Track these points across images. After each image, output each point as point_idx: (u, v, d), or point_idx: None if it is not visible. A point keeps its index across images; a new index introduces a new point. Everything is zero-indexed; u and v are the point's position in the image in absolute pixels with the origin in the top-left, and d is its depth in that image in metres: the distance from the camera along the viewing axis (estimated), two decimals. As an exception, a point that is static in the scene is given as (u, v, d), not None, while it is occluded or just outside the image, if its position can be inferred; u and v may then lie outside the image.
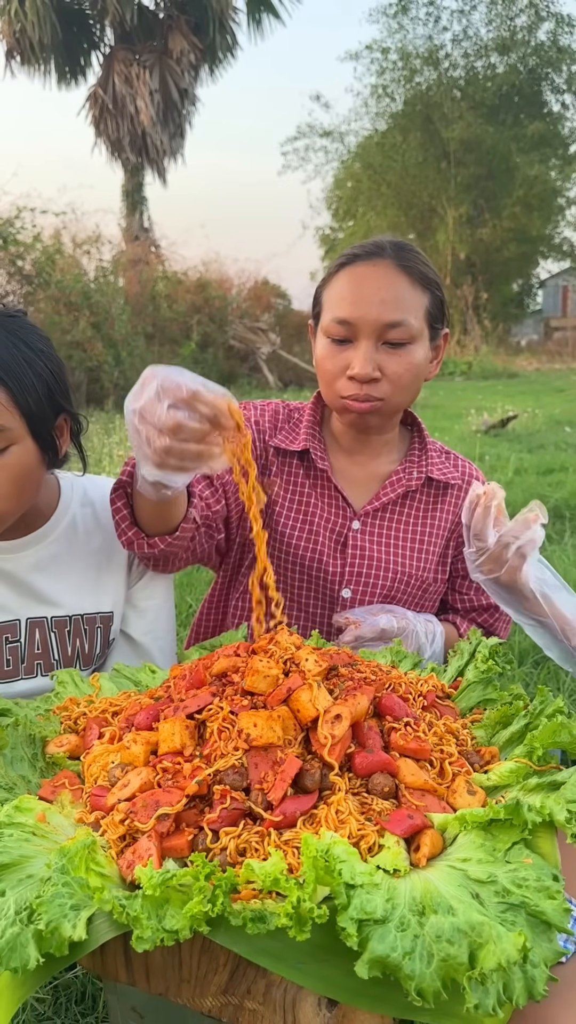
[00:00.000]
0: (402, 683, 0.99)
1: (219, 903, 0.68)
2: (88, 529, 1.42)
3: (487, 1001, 0.67)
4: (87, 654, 1.40)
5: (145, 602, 1.47)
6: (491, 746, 0.97)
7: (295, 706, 0.87)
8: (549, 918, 0.71)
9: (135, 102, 16.02)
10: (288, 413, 1.59)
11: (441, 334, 1.46)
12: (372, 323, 1.35)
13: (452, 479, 1.54)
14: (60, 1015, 1.07)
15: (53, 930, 0.69)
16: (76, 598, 1.39)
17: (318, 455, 1.52)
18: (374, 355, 1.36)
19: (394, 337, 1.36)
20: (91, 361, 10.23)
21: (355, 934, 0.66)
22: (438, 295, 1.43)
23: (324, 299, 1.44)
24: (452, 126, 22.23)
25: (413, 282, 1.38)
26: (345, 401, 1.40)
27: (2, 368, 1.16)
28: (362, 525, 1.52)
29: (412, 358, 1.38)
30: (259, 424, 1.55)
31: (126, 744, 0.90)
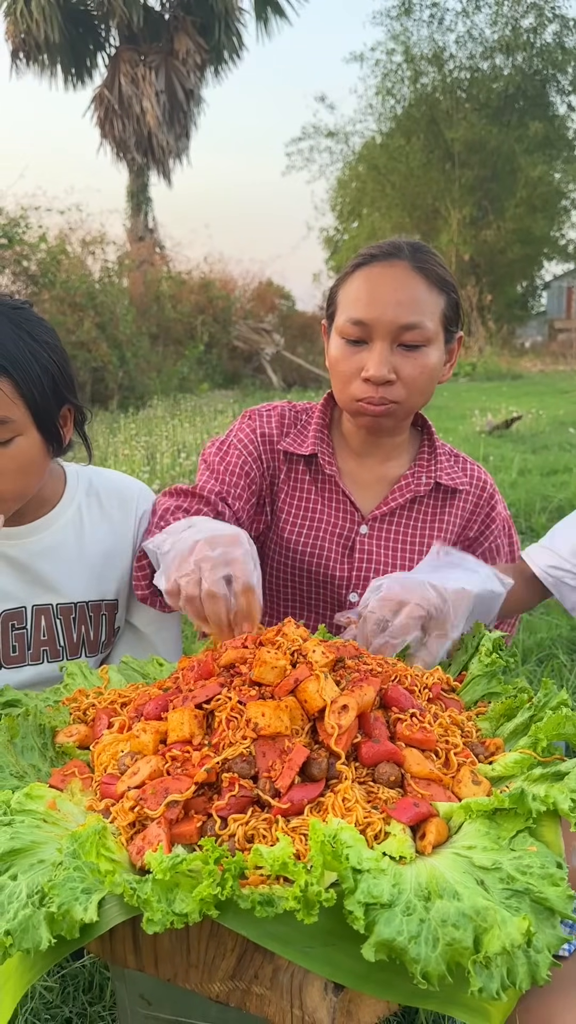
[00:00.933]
0: (408, 675, 1.00)
1: (228, 887, 0.69)
2: (94, 519, 1.43)
3: (491, 985, 0.68)
4: (92, 641, 1.42)
5: None
6: (496, 738, 0.98)
7: (302, 696, 0.89)
8: (553, 904, 0.73)
9: (141, 103, 16.06)
10: (295, 415, 1.58)
11: (455, 337, 1.46)
12: (388, 324, 1.34)
13: (460, 484, 1.53)
14: (68, 1004, 1.08)
15: (65, 913, 0.70)
16: (81, 585, 1.40)
17: (326, 459, 1.51)
18: (389, 357, 1.35)
19: (410, 339, 1.35)
20: (96, 361, 10.25)
21: (362, 917, 0.67)
22: (454, 297, 1.42)
23: (339, 299, 1.42)
24: (456, 127, 22.23)
25: (430, 284, 1.36)
26: (360, 404, 1.39)
27: (8, 360, 1.17)
28: (370, 530, 1.51)
29: (427, 360, 1.37)
30: (266, 434, 1.54)
31: (135, 733, 0.92)
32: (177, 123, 16.80)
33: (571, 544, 1.40)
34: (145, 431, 6.51)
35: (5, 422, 1.18)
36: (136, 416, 8.28)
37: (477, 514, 1.55)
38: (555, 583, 1.39)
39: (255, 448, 1.51)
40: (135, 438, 5.99)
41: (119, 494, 1.47)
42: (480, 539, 1.55)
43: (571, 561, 1.38)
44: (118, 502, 1.46)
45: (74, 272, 10.59)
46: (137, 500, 1.48)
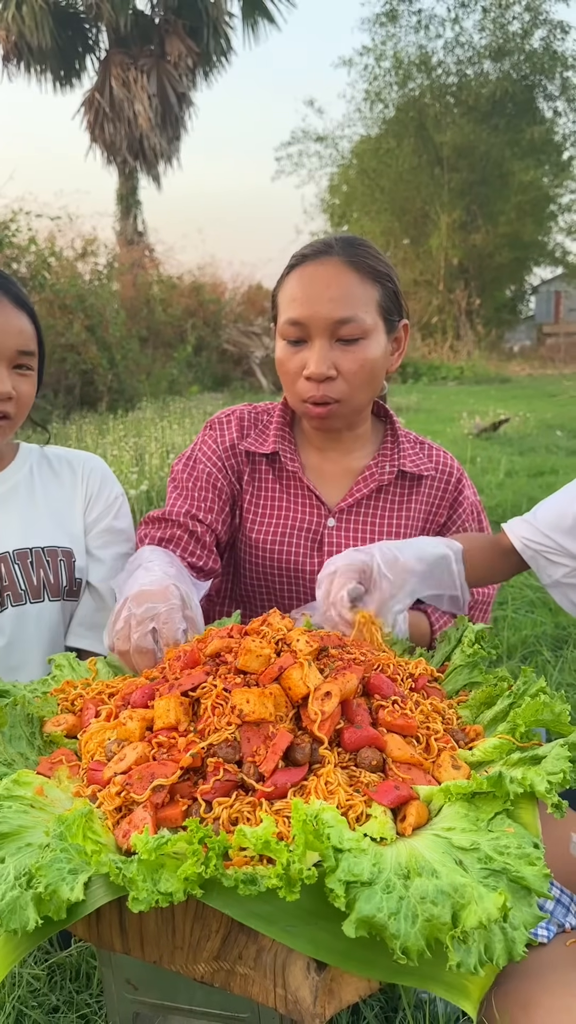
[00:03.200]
0: (390, 664, 1.02)
1: (212, 865, 0.71)
2: (44, 478, 1.57)
3: (469, 960, 0.70)
4: (53, 585, 1.49)
5: (100, 551, 1.56)
6: (476, 725, 1.00)
7: (286, 684, 0.90)
8: (530, 883, 0.74)
9: (133, 106, 16.07)
10: (255, 416, 1.59)
11: (399, 325, 1.46)
12: (323, 321, 1.35)
13: (425, 470, 1.55)
14: (55, 992, 1.09)
15: (52, 893, 0.72)
16: (33, 532, 1.50)
17: (288, 456, 1.52)
18: (328, 353, 1.36)
19: (346, 334, 1.36)
20: (85, 364, 10.24)
21: (343, 895, 0.69)
22: (390, 287, 1.42)
23: (279, 301, 1.44)
24: (445, 132, 22.33)
25: (362, 277, 1.37)
26: (305, 405, 1.41)
27: (28, 306, 1.43)
28: (337, 522, 1.53)
29: (366, 354, 1.38)
30: (227, 440, 1.55)
31: (122, 721, 0.93)
32: (169, 126, 16.83)
33: (552, 518, 1.40)
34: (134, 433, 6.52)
35: (32, 354, 1.43)
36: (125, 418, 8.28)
37: (444, 499, 1.57)
38: (533, 556, 1.39)
39: (219, 459, 1.54)
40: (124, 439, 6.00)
41: (68, 461, 1.62)
42: (448, 524, 1.58)
43: (549, 536, 1.39)
44: (67, 466, 1.60)
45: (64, 275, 10.59)
46: (84, 464, 1.62)
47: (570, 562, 1.37)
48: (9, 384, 1.38)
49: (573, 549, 1.35)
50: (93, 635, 1.51)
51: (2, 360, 1.37)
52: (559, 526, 1.36)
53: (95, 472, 1.61)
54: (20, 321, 1.40)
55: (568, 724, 0.92)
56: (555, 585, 1.40)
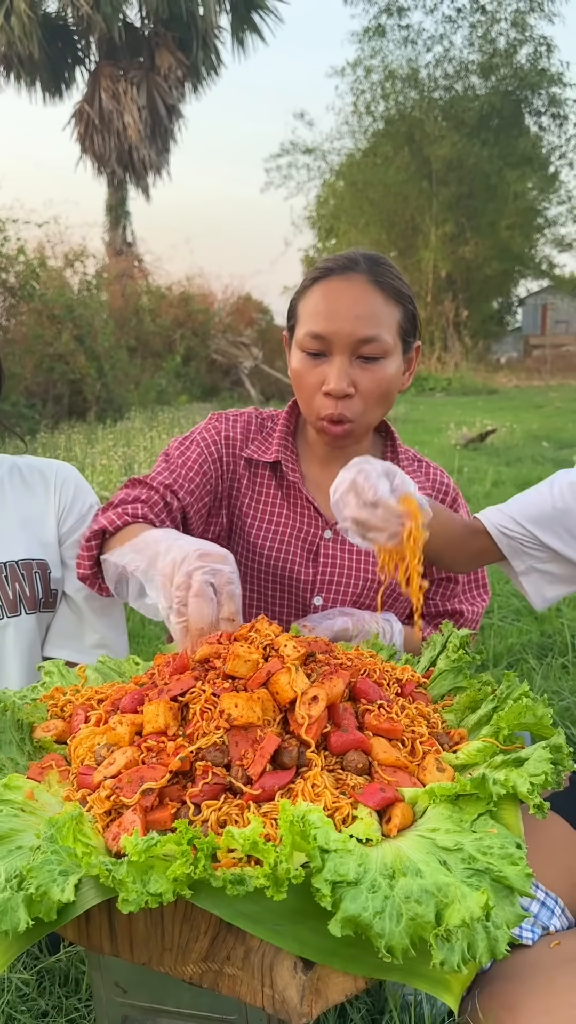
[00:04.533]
0: (376, 669, 1.04)
1: (201, 866, 0.72)
2: (16, 490, 1.55)
3: (452, 958, 0.71)
4: (30, 598, 1.48)
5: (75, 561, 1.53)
6: (461, 728, 1.01)
7: (274, 688, 0.92)
8: (512, 883, 0.76)
9: (122, 117, 16.15)
10: (261, 422, 1.61)
11: (413, 347, 1.49)
12: (346, 338, 1.37)
13: (422, 487, 1.58)
14: (44, 997, 1.10)
15: (43, 894, 0.73)
16: (6, 545, 1.49)
17: (289, 467, 1.54)
18: (348, 370, 1.38)
19: (368, 352, 1.38)
20: (74, 374, 10.26)
21: (329, 895, 0.70)
22: (410, 309, 1.45)
23: (299, 312, 1.45)
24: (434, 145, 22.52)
25: (387, 297, 1.39)
26: (322, 423, 1.43)
27: None
28: (333, 534, 1.55)
29: (385, 372, 1.40)
30: (230, 436, 1.57)
31: (112, 726, 0.94)
32: (158, 138, 16.91)
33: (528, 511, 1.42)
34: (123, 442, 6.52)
35: None
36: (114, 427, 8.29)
37: None
38: (508, 543, 1.41)
39: (216, 449, 1.55)
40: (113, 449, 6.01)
41: (40, 471, 1.59)
42: None
43: (524, 526, 1.41)
44: (39, 476, 1.58)
45: (52, 285, 10.61)
46: (56, 473, 1.59)
47: (543, 554, 1.40)
48: None
49: (547, 540, 1.38)
50: (70, 645, 1.51)
51: None
52: (535, 518, 1.39)
53: (68, 482, 1.59)
54: None
55: (550, 727, 0.94)
56: (528, 572, 1.42)
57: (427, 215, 23.09)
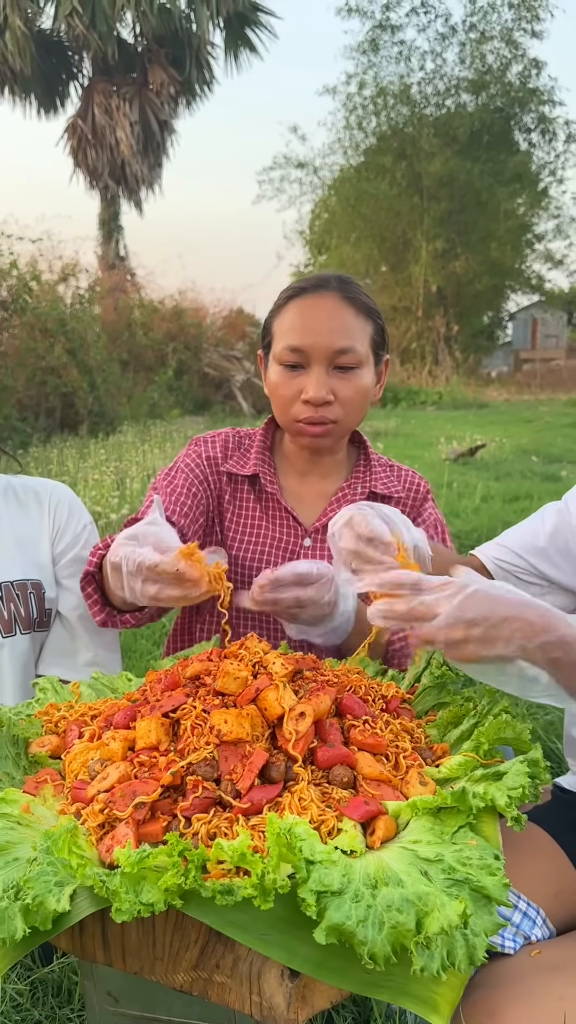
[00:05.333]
0: (362, 686, 1.07)
1: (191, 876, 0.75)
2: (11, 511, 1.57)
3: (432, 964, 0.74)
4: (25, 618, 1.51)
5: (69, 581, 1.57)
6: (443, 743, 1.05)
7: (263, 704, 0.95)
8: (490, 892, 0.79)
9: (115, 133, 16.27)
10: (239, 440, 1.66)
11: (383, 360, 1.56)
12: (323, 350, 1.44)
13: (395, 492, 1.62)
14: (38, 1007, 1.12)
15: (39, 904, 0.76)
16: (2, 567, 1.51)
17: (268, 479, 1.59)
18: (326, 380, 1.45)
19: (344, 362, 1.45)
20: (66, 387, 10.28)
21: (314, 904, 0.73)
22: (379, 323, 1.53)
23: (275, 329, 1.52)
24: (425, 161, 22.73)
25: (357, 312, 1.47)
26: (300, 425, 1.49)
27: None
28: (313, 541, 1.59)
29: (360, 382, 1.48)
30: (211, 456, 1.62)
31: (105, 741, 0.97)
32: (151, 153, 17.03)
33: (523, 539, 1.45)
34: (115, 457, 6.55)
35: None
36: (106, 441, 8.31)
37: (409, 512, 1.63)
38: (504, 576, 1.43)
39: (201, 471, 1.60)
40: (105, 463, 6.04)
41: (35, 491, 1.62)
42: None
43: (521, 555, 1.43)
44: (34, 496, 1.61)
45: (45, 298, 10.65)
46: (51, 494, 1.62)
47: (541, 582, 1.42)
48: None
49: (544, 569, 1.41)
50: (64, 663, 1.54)
51: None
52: (531, 546, 1.42)
53: (62, 502, 1.62)
54: None
55: (529, 742, 0.97)
56: None
57: (418, 230, 23.28)
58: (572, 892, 1.25)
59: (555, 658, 0.94)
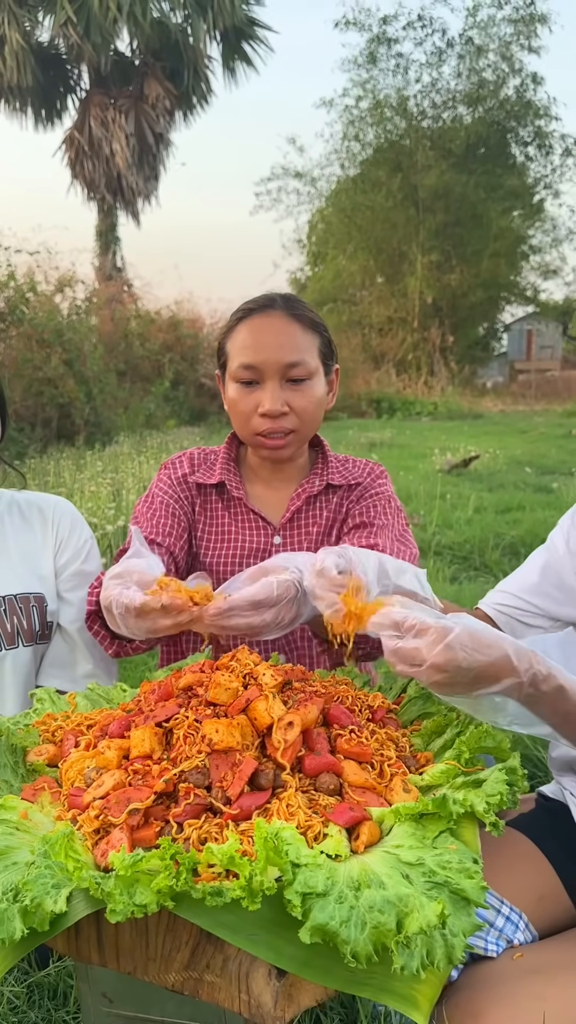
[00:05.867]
0: (349, 696, 1.11)
1: (183, 879, 0.79)
2: (16, 526, 1.62)
3: (412, 963, 0.78)
4: (27, 630, 1.55)
5: (70, 594, 1.62)
6: (427, 752, 1.09)
7: (253, 715, 0.99)
8: (468, 895, 0.83)
9: (111, 145, 16.38)
10: (204, 456, 1.75)
11: (333, 369, 1.65)
12: (275, 364, 1.52)
13: (351, 480, 1.70)
14: (35, 1009, 1.15)
15: (37, 905, 0.79)
16: (6, 580, 1.55)
17: (233, 485, 1.67)
18: (280, 393, 1.53)
19: (295, 375, 1.53)
20: (62, 398, 10.32)
21: (299, 905, 0.77)
22: (326, 336, 1.62)
23: (228, 349, 1.60)
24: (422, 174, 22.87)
25: (304, 327, 1.56)
26: (260, 438, 1.57)
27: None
28: (283, 539, 1.66)
29: (313, 392, 1.56)
30: (180, 474, 1.70)
31: (101, 750, 1.01)
32: (147, 165, 17.15)
33: (520, 580, 1.51)
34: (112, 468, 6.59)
35: None
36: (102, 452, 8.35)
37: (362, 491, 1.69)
38: (507, 621, 1.48)
39: (173, 490, 1.68)
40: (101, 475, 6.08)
41: (38, 506, 1.67)
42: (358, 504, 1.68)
43: (520, 596, 1.48)
44: (38, 511, 1.66)
45: (42, 309, 10.70)
46: (54, 509, 1.68)
47: (543, 622, 1.46)
48: None
49: (543, 605, 1.45)
50: (64, 675, 1.58)
51: None
52: (527, 586, 1.46)
53: (65, 517, 1.67)
54: None
55: (508, 751, 1.01)
56: None
57: (413, 242, 23.40)
58: (554, 897, 1.29)
59: (527, 694, 0.99)
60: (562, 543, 1.45)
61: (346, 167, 25.14)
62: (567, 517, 1.49)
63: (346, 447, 9.44)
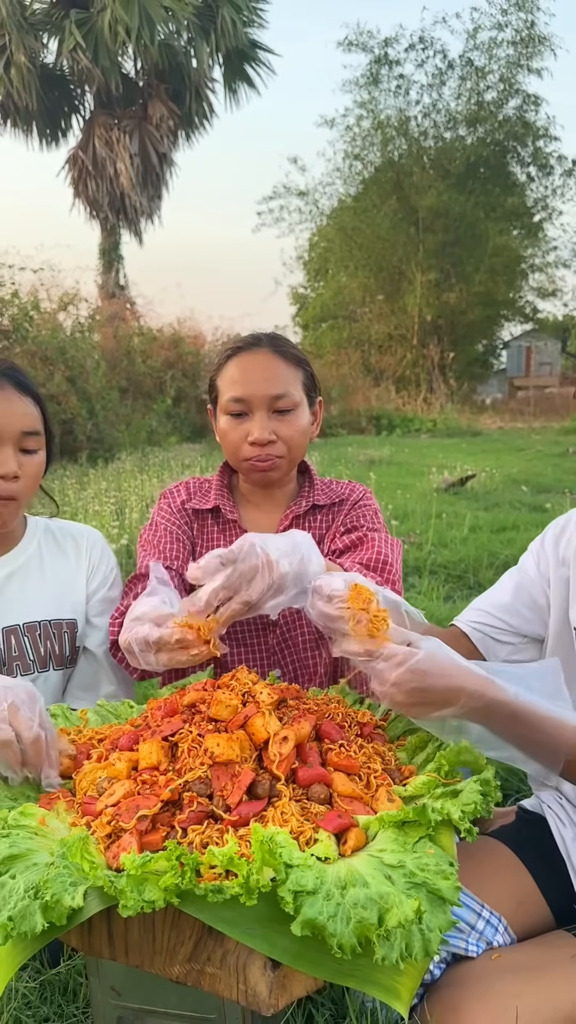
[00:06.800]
0: (339, 713, 1.21)
1: (187, 878, 0.88)
2: (52, 553, 1.72)
3: (392, 954, 0.87)
4: (58, 655, 1.65)
5: (98, 619, 1.72)
6: (411, 765, 1.18)
7: (250, 730, 1.09)
8: (444, 894, 0.92)
9: (115, 165, 16.59)
10: (199, 484, 1.87)
11: (316, 401, 1.77)
12: (262, 397, 1.64)
13: (335, 499, 1.82)
14: (46, 1005, 1.24)
15: (56, 901, 0.88)
16: (42, 606, 1.65)
17: (227, 508, 1.79)
18: (268, 423, 1.65)
19: (281, 406, 1.66)
20: (65, 414, 10.44)
21: (291, 902, 0.86)
22: (308, 371, 1.74)
23: (219, 384, 1.73)
24: (422, 194, 23.11)
25: (288, 363, 1.69)
26: (250, 463, 1.68)
27: (36, 395, 1.60)
28: None
29: (298, 421, 1.68)
30: (180, 501, 1.82)
31: (112, 762, 1.11)
32: (150, 185, 17.36)
33: (493, 598, 1.60)
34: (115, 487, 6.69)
35: (37, 434, 1.56)
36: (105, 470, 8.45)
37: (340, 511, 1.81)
38: (481, 638, 1.57)
39: (174, 517, 1.80)
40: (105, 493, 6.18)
41: (72, 536, 1.78)
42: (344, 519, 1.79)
43: (493, 614, 1.58)
44: (72, 541, 1.77)
45: (45, 327, 10.83)
46: (87, 540, 1.79)
47: (514, 639, 1.56)
48: (15, 465, 1.50)
49: (515, 623, 1.54)
50: (88, 696, 1.67)
51: (7, 442, 1.50)
52: (500, 604, 1.56)
53: (96, 546, 1.78)
54: (23, 405, 1.54)
55: (484, 764, 1.11)
56: None
57: (413, 261, 23.61)
58: (532, 903, 1.38)
59: (485, 718, 1.10)
60: (533, 566, 1.55)
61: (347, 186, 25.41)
62: (537, 541, 1.59)
63: (345, 464, 9.54)
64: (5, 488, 1.50)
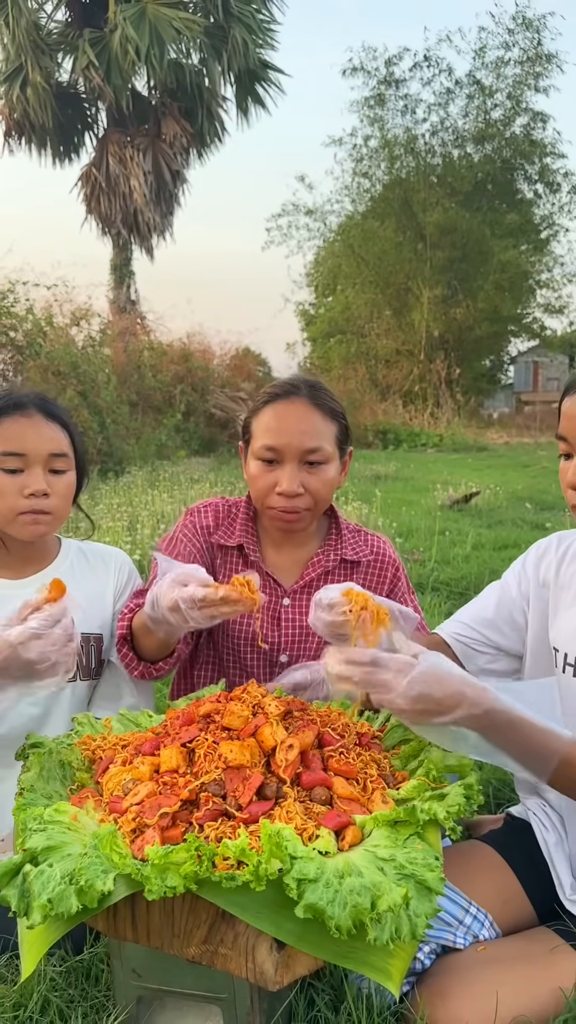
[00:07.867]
0: (339, 724, 1.34)
1: (204, 867, 1.01)
2: (83, 570, 1.84)
3: (383, 936, 1.00)
4: (85, 667, 1.78)
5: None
6: (404, 771, 1.31)
7: (260, 738, 1.22)
8: (429, 884, 1.05)
9: (128, 182, 16.82)
10: (228, 509, 1.92)
11: (347, 452, 1.84)
12: (295, 449, 1.70)
13: (363, 556, 1.88)
14: (72, 987, 1.36)
15: (90, 885, 1.01)
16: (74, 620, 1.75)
17: (251, 548, 1.86)
18: (297, 474, 1.71)
19: (313, 459, 1.72)
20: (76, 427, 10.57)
21: (295, 888, 0.99)
22: (343, 423, 1.80)
23: (254, 428, 1.78)
24: (429, 212, 23.32)
25: (324, 415, 1.74)
26: (275, 512, 1.75)
27: (66, 421, 1.74)
28: (291, 601, 1.85)
29: (327, 475, 1.75)
30: (204, 526, 1.89)
31: (136, 766, 1.24)
32: (163, 202, 17.60)
33: (475, 612, 1.71)
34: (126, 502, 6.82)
35: (65, 456, 1.68)
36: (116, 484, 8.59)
37: (383, 579, 1.90)
38: (462, 648, 1.67)
39: (197, 540, 1.87)
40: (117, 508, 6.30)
41: (101, 555, 1.91)
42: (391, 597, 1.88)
43: (474, 627, 1.68)
44: (101, 560, 1.90)
45: (58, 342, 11.02)
46: (116, 560, 1.91)
47: (491, 651, 1.67)
48: (43, 483, 1.64)
49: (494, 638, 1.66)
50: (112, 706, 1.78)
51: (36, 463, 1.64)
52: (481, 619, 1.67)
53: (124, 566, 1.91)
54: (50, 430, 1.67)
55: (469, 770, 1.23)
56: (479, 672, 1.69)
57: (420, 277, 23.79)
58: (517, 901, 1.50)
59: (484, 725, 1.21)
60: (515, 585, 1.66)
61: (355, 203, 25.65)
62: (519, 561, 1.69)
63: (351, 480, 9.65)
64: (38, 504, 1.64)
